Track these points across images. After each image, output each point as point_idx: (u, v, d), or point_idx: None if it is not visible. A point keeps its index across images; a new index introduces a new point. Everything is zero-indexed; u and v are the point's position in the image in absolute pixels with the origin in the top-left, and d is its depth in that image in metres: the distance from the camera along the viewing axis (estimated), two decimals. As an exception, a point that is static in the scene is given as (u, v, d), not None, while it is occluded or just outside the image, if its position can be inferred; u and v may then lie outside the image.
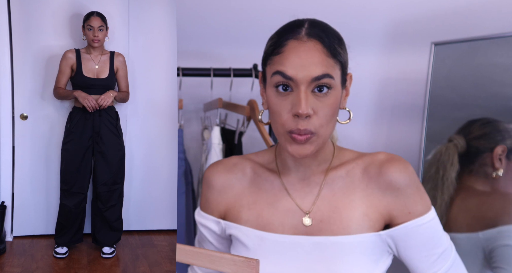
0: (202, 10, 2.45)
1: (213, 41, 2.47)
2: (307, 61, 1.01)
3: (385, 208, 1.10)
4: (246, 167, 1.20)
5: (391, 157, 1.13)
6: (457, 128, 1.81)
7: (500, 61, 1.78)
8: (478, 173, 1.71)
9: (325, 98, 1.02)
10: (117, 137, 2.77)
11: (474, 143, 1.73)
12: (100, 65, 2.74)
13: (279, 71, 1.02)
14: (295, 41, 1.03)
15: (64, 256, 2.71)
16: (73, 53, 2.72)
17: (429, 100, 1.99)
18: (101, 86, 2.72)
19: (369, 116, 2.24)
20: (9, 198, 2.94)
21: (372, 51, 2.24)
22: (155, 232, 3.17)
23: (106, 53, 2.78)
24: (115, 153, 2.77)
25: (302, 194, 1.12)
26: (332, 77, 1.02)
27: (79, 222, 2.79)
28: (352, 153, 1.17)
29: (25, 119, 2.92)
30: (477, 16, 1.97)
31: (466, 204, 1.71)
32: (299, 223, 1.10)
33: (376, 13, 2.13)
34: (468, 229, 1.66)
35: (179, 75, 2.24)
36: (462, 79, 1.90)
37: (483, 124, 1.75)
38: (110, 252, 2.76)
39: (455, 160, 1.74)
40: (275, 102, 1.04)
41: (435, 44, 1.98)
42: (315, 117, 1.02)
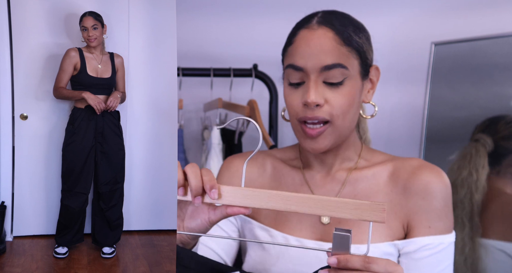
0: (202, 10, 2.45)
1: (213, 41, 2.47)
2: (316, 49, 0.96)
3: (406, 217, 1.03)
4: (267, 162, 1.16)
5: (427, 164, 1.05)
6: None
7: (500, 61, 1.77)
8: (506, 174, 1.63)
9: (339, 88, 0.97)
10: (119, 136, 2.78)
11: (502, 143, 1.64)
12: (102, 65, 2.74)
13: (290, 65, 1.00)
14: (306, 30, 0.99)
15: (64, 256, 2.71)
16: (76, 51, 2.71)
17: (429, 100, 1.99)
18: (105, 86, 2.72)
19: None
20: (9, 198, 2.94)
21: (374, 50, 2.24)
22: (155, 232, 3.17)
23: (106, 54, 2.78)
24: (117, 153, 2.77)
25: (324, 191, 1.08)
26: (345, 67, 0.97)
27: (80, 222, 2.79)
28: (384, 155, 1.11)
29: (25, 119, 2.91)
30: (477, 16, 1.97)
31: (502, 210, 1.62)
32: (317, 220, 1.06)
33: (376, 13, 2.14)
34: (504, 238, 1.58)
35: (179, 75, 2.24)
36: (462, 79, 1.89)
37: (508, 123, 1.66)
38: (110, 252, 2.76)
39: (486, 162, 1.64)
40: (288, 93, 1.01)
41: (435, 44, 1.98)
42: (327, 106, 0.97)
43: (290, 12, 1.11)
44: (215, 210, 0.83)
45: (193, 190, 0.80)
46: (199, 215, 0.85)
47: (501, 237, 1.59)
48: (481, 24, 1.89)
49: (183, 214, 0.87)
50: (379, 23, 2.24)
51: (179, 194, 0.82)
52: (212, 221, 0.84)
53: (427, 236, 1.00)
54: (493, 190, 1.65)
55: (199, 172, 0.81)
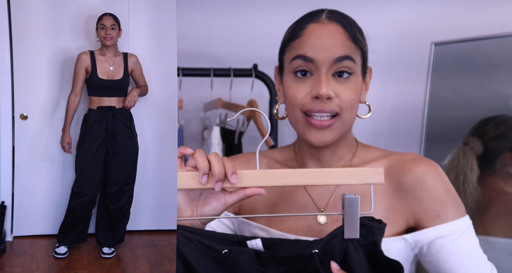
0: (202, 10, 2.45)
1: (213, 41, 2.47)
2: (328, 42, 0.98)
3: (407, 211, 1.02)
4: (262, 163, 1.16)
5: (418, 157, 1.06)
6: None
7: (500, 61, 1.78)
8: (502, 174, 1.65)
9: (347, 82, 0.99)
10: (131, 138, 2.77)
11: (491, 144, 1.66)
12: (114, 67, 2.74)
13: (299, 55, 0.99)
14: (315, 24, 1.00)
15: (64, 257, 2.71)
16: (87, 55, 2.72)
17: (429, 100, 1.99)
18: (116, 88, 2.72)
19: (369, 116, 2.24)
20: (9, 198, 2.94)
21: (371, 51, 2.24)
22: (155, 232, 3.17)
23: (119, 55, 2.78)
24: (128, 154, 2.77)
25: (319, 190, 1.07)
26: (354, 60, 0.99)
27: (85, 223, 2.79)
28: (379, 152, 1.11)
29: (25, 119, 2.91)
30: (477, 16, 1.97)
31: (506, 209, 1.64)
32: (313, 220, 1.05)
33: (376, 13, 2.14)
34: (509, 235, 1.59)
35: (179, 75, 2.24)
36: (462, 79, 1.90)
37: (497, 124, 1.69)
38: (110, 252, 2.76)
39: (474, 164, 1.66)
40: (293, 86, 1.01)
41: (435, 44, 1.98)
42: (337, 100, 0.98)
43: (290, 12, 1.11)
44: (231, 193, 0.88)
45: (217, 176, 0.84)
46: (213, 200, 0.89)
47: (508, 234, 1.59)
48: (481, 24, 1.89)
49: (196, 199, 0.90)
50: (379, 23, 2.24)
51: (202, 182, 0.85)
52: (228, 203, 0.88)
53: (438, 225, 0.99)
54: (492, 189, 1.67)
55: (221, 160, 0.86)
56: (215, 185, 0.85)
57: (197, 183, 0.86)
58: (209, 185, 0.86)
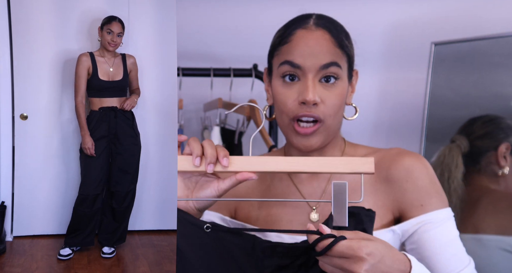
0: (202, 10, 2.45)
1: (213, 41, 2.47)
2: (315, 49, 1.01)
3: (393, 202, 1.06)
4: None
5: (405, 151, 1.10)
6: (458, 128, 1.79)
7: (500, 61, 1.78)
8: (487, 172, 1.68)
9: (332, 88, 1.02)
10: (134, 137, 2.78)
11: (477, 143, 1.70)
12: (114, 68, 2.75)
13: (287, 61, 1.02)
14: (303, 30, 1.03)
15: (67, 259, 2.70)
16: (88, 56, 2.72)
17: (429, 100, 1.99)
18: (117, 88, 2.73)
19: (369, 116, 2.24)
20: (9, 198, 2.94)
21: (372, 51, 2.24)
22: (155, 232, 3.17)
23: (118, 56, 2.79)
24: (133, 153, 2.78)
25: (310, 189, 1.11)
26: (340, 66, 1.02)
27: (93, 224, 2.78)
28: (366, 149, 1.14)
29: (25, 119, 2.92)
30: (477, 16, 1.98)
31: (494, 206, 1.66)
32: (306, 219, 1.08)
33: (377, 13, 2.14)
34: (499, 232, 1.61)
35: (179, 75, 2.24)
36: (462, 79, 1.90)
37: (484, 123, 1.72)
38: (110, 252, 2.76)
39: (459, 161, 1.70)
40: (281, 92, 1.04)
41: (435, 44, 1.98)
42: (322, 106, 1.01)
43: (290, 12, 1.11)
44: (224, 180, 0.91)
45: (208, 157, 0.88)
46: (208, 185, 0.92)
47: (496, 231, 1.62)
48: (481, 24, 1.90)
49: (192, 187, 0.93)
50: (379, 23, 2.24)
51: (195, 163, 0.88)
52: (221, 189, 0.91)
53: (422, 214, 1.03)
54: (478, 188, 1.70)
55: (214, 145, 0.90)
56: (207, 167, 0.88)
57: (190, 165, 0.89)
58: (202, 168, 0.89)
